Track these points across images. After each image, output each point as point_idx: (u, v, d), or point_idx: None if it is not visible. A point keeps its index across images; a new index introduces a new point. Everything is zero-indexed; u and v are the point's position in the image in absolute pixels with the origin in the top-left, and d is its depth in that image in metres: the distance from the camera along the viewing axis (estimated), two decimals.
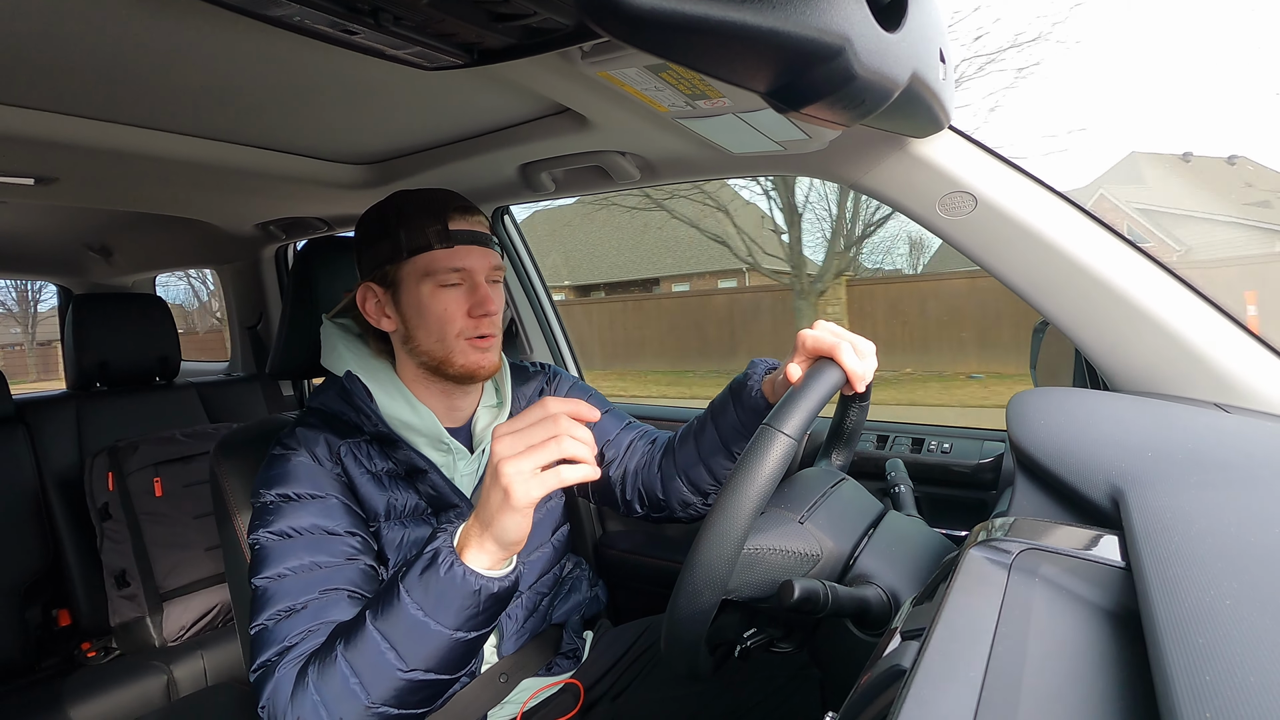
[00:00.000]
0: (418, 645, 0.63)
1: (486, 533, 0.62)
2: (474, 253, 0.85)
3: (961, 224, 0.85)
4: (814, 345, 0.73)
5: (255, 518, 0.78)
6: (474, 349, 0.86)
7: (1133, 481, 0.54)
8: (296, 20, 0.56)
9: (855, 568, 0.67)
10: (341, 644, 0.65)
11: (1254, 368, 0.74)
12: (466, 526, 0.65)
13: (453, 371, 0.87)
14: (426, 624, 0.62)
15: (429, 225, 0.82)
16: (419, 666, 0.63)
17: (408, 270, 0.84)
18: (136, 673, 1.49)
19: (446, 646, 0.63)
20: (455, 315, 0.84)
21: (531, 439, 0.61)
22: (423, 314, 0.84)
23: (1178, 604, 0.36)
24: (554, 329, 1.78)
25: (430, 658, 0.63)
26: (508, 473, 0.60)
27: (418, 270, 0.83)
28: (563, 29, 0.59)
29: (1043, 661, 0.37)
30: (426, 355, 0.86)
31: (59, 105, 0.87)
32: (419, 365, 0.88)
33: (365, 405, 0.85)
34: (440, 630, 0.63)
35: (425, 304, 0.84)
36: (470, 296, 0.85)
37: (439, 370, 0.87)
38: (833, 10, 0.42)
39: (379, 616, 0.64)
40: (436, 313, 0.84)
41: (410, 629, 0.63)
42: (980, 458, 1.21)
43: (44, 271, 2.54)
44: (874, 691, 0.43)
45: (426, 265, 0.83)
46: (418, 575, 0.63)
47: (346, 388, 0.86)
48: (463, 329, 0.85)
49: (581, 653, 1.04)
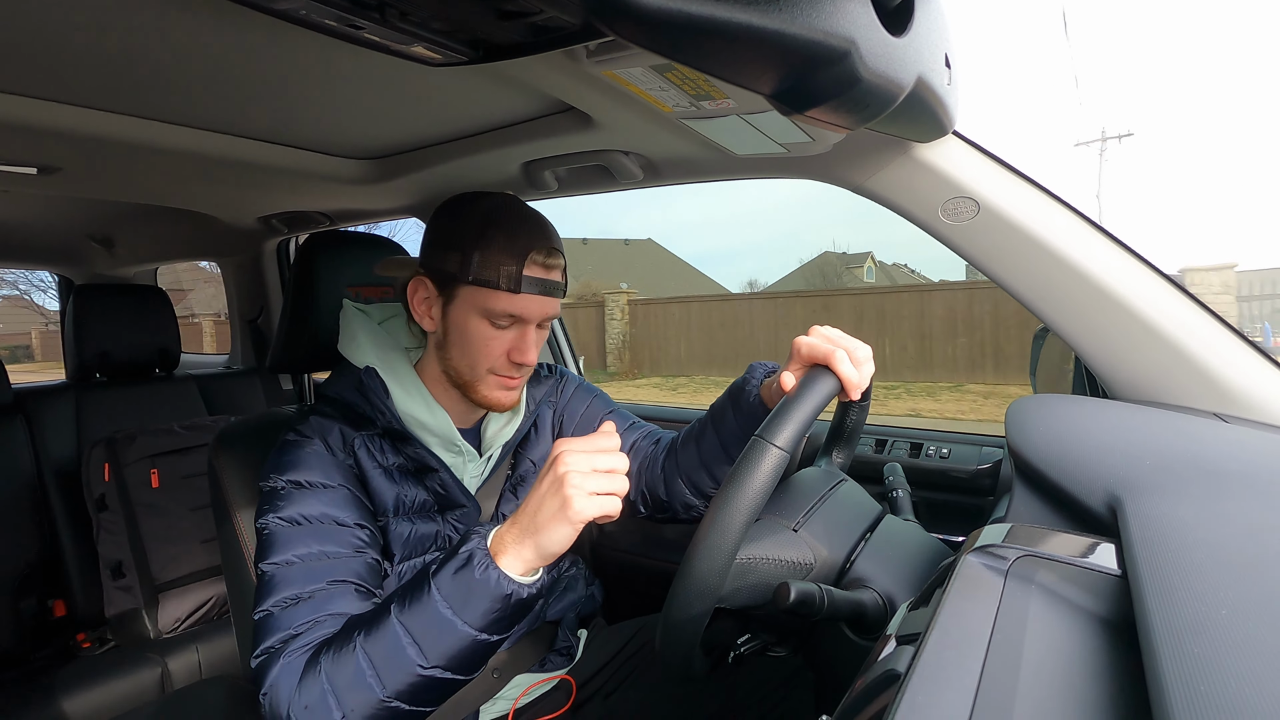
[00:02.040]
0: (440, 642, 0.63)
1: (528, 539, 0.63)
2: (535, 301, 0.82)
3: (964, 230, 0.85)
4: (809, 353, 0.72)
5: (264, 502, 0.78)
6: (500, 386, 0.86)
7: (1130, 490, 0.54)
8: (303, 14, 0.56)
9: (851, 572, 0.67)
10: (361, 634, 0.65)
11: (1254, 379, 0.74)
12: (502, 531, 0.65)
13: (474, 397, 0.87)
14: (454, 622, 0.63)
15: (504, 264, 0.80)
16: (439, 664, 0.63)
17: (466, 294, 0.82)
18: (131, 664, 1.49)
19: (469, 646, 0.64)
20: (494, 353, 0.84)
21: (597, 462, 0.63)
22: (464, 338, 0.84)
23: (1174, 613, 0.36)
24: (556, 331, 1.78)
25: (450, 655, 0.64)
26: (574, 485, 0.61)
27: (476, 301, 0.82)
28: (569, 27, 0.59)
29: (1038, 669, 0.37)
30: (454, 372, 0.87)
31: (63, 95, 0.87)
32: (444, 370, 0.88)
33: (381, 402, 0.85)
34: (466, 630, 0.63)
35: (470, 331, 0.83)
36: (515, 341, 0.84)
37: (462, 388, 0.87)
38: (839, 13, 0.41)
39: (405, 610, 0.64)
40: (477, 344, 0.83)
41: (435, 625, 0.63)
42: (979, 463, 1.21)
43: (46, 261, 2.54)
44: (868, 696, 0.43)
45: (485, 302, 0.81)
46: (451, 574, 0.64)
47: (364, 382, 0.86)
48: (495, 367, 0.85)
49: (575, 650, 1.04)
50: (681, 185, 1.19)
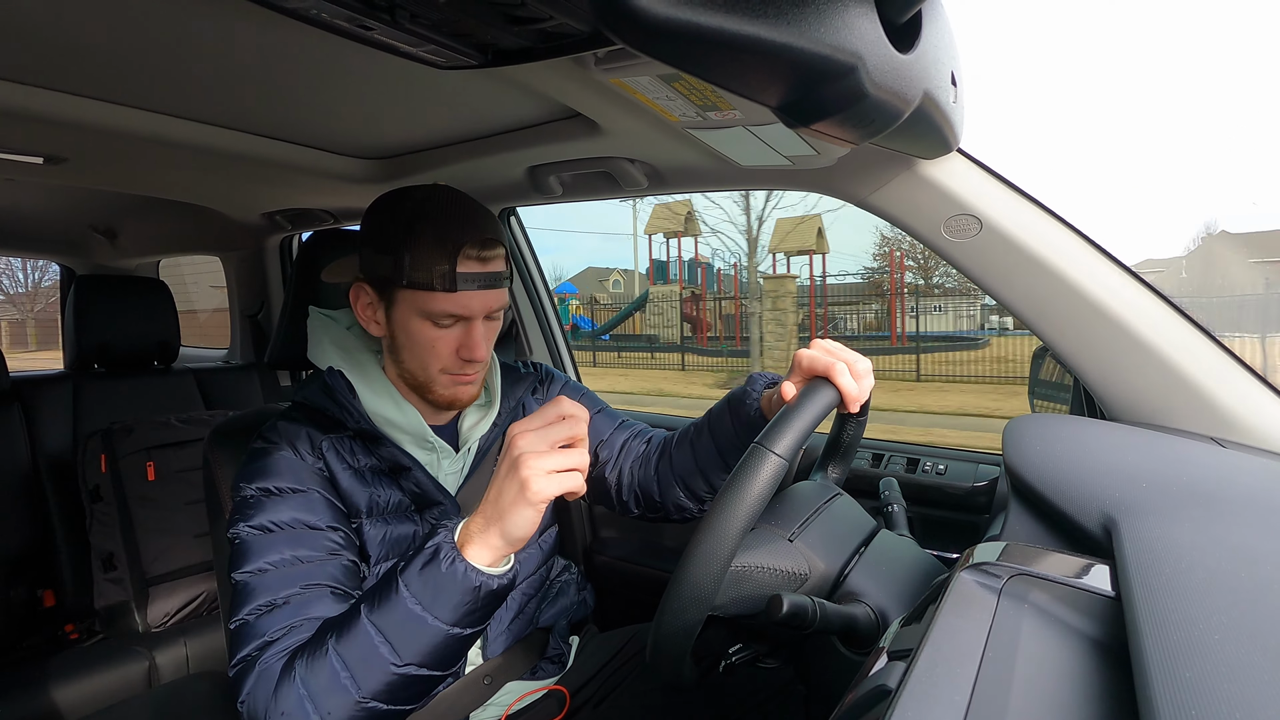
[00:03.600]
0: (413, 639, 0.63)
1: (493, 527, 0.63)
2: (475, 297, 0.80)
3: (966, 247, 0.85)
4: (809, 365, 0.73)
5: (235, 511, 0.77)
6: (455, 383, 0.85)
7: (1126, 511, 0.54)
8: (314, 13, 0.56)
9: (845, 585, 0.67)
10: (333, 637, 0.65)
11: (1252, 404, 0.74)
12: (468, 522, 0.65)
13: (431, 398, 0.86)
14: (424, 618, 0.62)
15: (436, 264, 0.77)
16: (413, 661, 0.63)
17: (403, 296, 0.80)
18: (118, 657, 1.48)
19: (442, 641, 0.63)
20: (442, 353, 0.82)
21: (552, 437, 0.62)
22: (411, 341, 0.82)
23: (1166, 636, 0.36)
24: (554, 330, 1.78)
25: (424, 652, 0.63)
26: (530, 466, 0.61)
27: (413, 303, 0.80)
28: (578, 34, 0.60)
29: (1029, 688, 0.37)
30: (409, 375, 0.86)
31: (72, 86, 0.87)
32: (398, 374, 0.88)
33: (348, 402, 0.84)
34: (437, 625, 0.62)
35: (414, 334, 0.82)
36: (462, 338, 0.82)
37: (418, 391, 0.87)
38: (846, 28, 0.42)
39: (375, 610, 0.64)
40: (423, 346, 0.82)
41: (406, 623, 0.63)
42: (975, 480, 1.21)
43: (49, 251, 2.54)
44: (858, 711, 0.43)
45: (424, 304, 0.79)
46: (418, 570, 0.63)
47: (329, 383, 0.85)
48: (446, 366, 0.83)
49: (567, 658, 1.03)
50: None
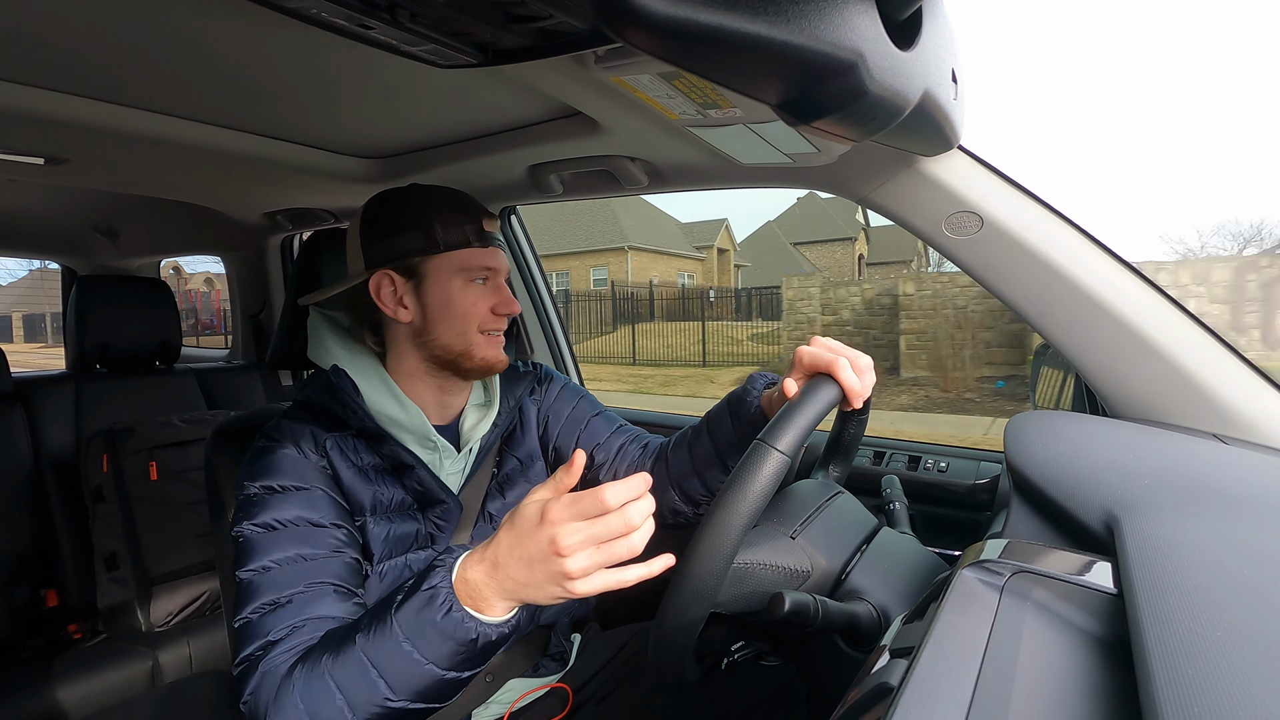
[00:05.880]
0: (406, 678, 0.61)
1: (510, 595, 0.60)
2: (500, 255, 0.89)
3: (967, 244, 0.85)
4: (811, 361, 0.73)
5: (239, 510, 0.78)
6: (491, 344, 0.89)
7: (1128, 508, 0.54)
8: (313, 13, 0.56)
9: (847, 583, 0.67)
10: (329, 659, 0.63)
11: (1254, 401, 0.74)
12: (477, 575, 0.61)
13: (470, 365, 0.88)
14: (419, 662, 0.61)
15: (466, 224, 0.86)
16: (406, 697, 0.62)
17: (440, 264, 0.85)
18: (121, 657, 1.49)
19: (436, 683, 0.62)
20: (482, 310, 0.88)
21: (598, 533, 0.57)
22: (450, 307, 0.86)
23: (1169, 634, 0.36)
24: (554, 329, 1.78)
25: (418, 691, 0.62)
26: (579, 565, 0.57)
27: (452, 265, 0.86)
28: (578, 33, 0.60)
29: (1031, 686, 0.37)
30: (443, 349, 0.87)
31: (73, 86, 0.87)
32: (426, 359, 0.88)
33: (351, 400, 0.84)
34: (431, 669, 0.61)
35: (455, 298, 0.86)
36: (496, 294, 0.89)
37: (454, 364, 0.88)
38: (847, 26, 0.42)
39: (370, 642, 0.62)
40: (464, 306, 0.86)
41: (399, 662, 0.61)
42: (977, 478, 1.20)
43: (51, 251, 2.54)
44: (861, 709, 0.43)
45: (463, 262, 0.86)
46: (414, 611, 0.61)
47: (333, 382, 0.85)
48: (484, 323, 0.88)
49: (569, 656, 1.03)
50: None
